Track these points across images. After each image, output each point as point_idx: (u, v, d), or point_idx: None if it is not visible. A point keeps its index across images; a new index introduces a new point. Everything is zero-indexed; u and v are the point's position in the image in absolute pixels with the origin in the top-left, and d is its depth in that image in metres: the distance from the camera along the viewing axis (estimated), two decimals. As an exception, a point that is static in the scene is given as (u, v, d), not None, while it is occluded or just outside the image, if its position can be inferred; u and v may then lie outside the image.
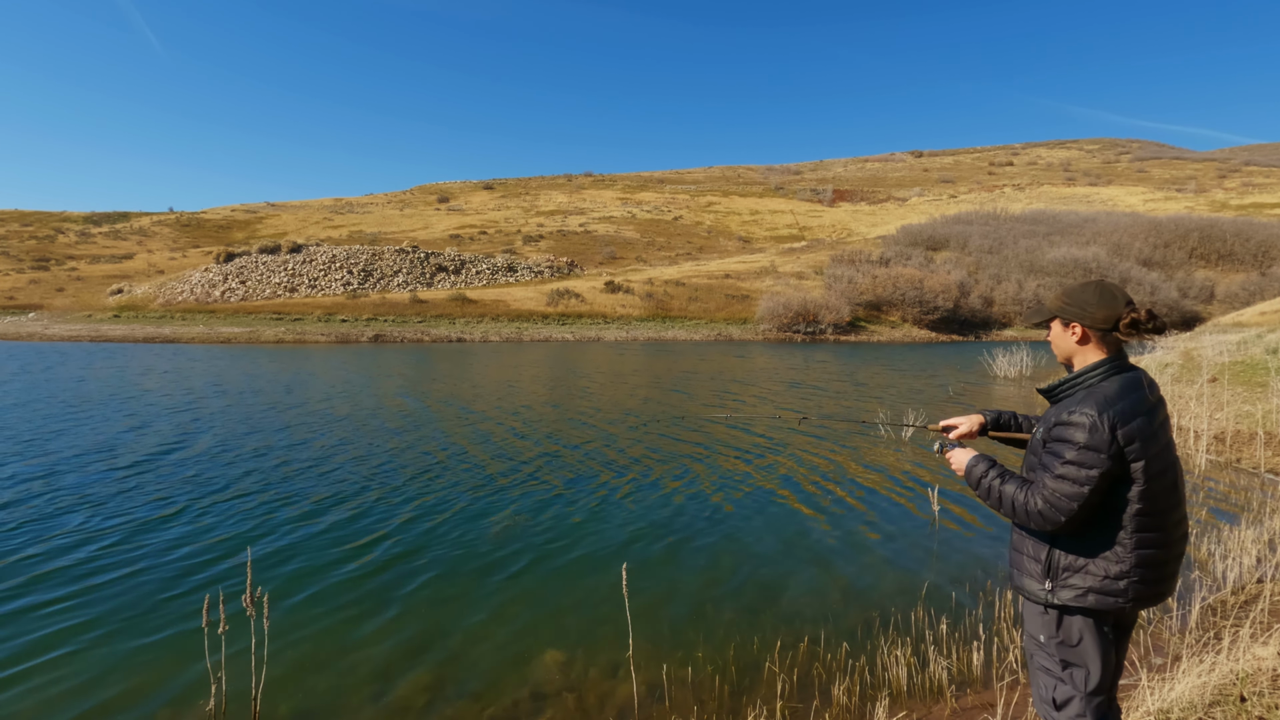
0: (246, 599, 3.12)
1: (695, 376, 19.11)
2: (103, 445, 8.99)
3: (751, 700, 3.43)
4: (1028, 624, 2.05)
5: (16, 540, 5.50)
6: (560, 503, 6.77)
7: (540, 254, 59.56)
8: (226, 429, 10.32)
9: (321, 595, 4.63)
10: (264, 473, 7.77)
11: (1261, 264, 53.24)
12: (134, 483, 7.25)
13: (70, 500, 6.59)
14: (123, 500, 6.63)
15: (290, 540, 5.63)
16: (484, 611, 4.44)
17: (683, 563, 5.28)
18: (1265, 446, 8.34)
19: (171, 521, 6.03)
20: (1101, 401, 1.85)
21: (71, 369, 18.39)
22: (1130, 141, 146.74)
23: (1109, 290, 1.96)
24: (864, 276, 46.26)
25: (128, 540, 5.55)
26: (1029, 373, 18.92)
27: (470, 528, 5.99)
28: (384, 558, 5.29)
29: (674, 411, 12.61)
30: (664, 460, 8.64)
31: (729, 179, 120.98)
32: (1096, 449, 1.81)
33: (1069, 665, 1.95)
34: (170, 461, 8.22)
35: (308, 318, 38.40)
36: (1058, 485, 1.86)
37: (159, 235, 66.38)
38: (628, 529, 6.00)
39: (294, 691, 3.53)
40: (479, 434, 10.25)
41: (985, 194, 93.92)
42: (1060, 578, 1.93)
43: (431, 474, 7.84)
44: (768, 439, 10.06)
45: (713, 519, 6.34)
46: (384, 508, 6.55)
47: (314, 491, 7.06)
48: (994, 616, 4.30)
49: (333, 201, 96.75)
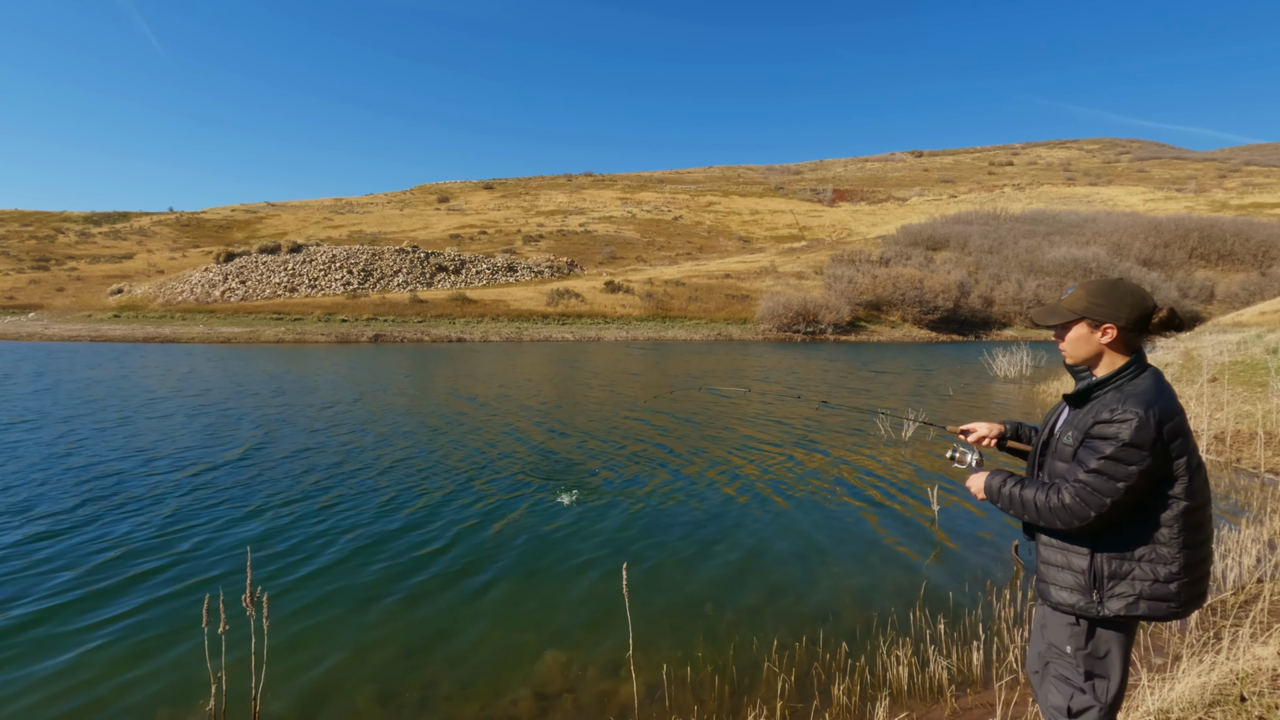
0: (246, 599, 3.11)
1: (700, 376, 19.11)
2: (104, 445, 8.98)
3: (751, 700, 3.43)
4: (1051, 634, 1.98)
5: (16, 541, 5.50)
6: (559, 503, 6.76)
7: (540, 254, 59.56)
8: (219, 428, 10.32)
9: (321, 595, 4.63)
10: (264, 473, 7.77)
11: (1261, 264, 53.24)
12: (134, 483, 7.25)
13: (71, 499, 6.59)
14: (123, 500, 6.63)
15: (290, 540, 5.63)
16: (484, 611, 4.44)
17: (682, 562, 5.27)
18: (1265, 446, 8.33)
19: (171, 521, 6.03)
20: (1143, 400, 1.79)
21: (79, 369, 18.39)
22: (1130, 141, 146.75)
23: (1137, 288, 1.92)
24: (864, 276, 46.27)
25: (128, 540, 5.55)
26: (1029, 373, 18.91)
27: (469, 528, 5.99)
28: (384, 558, 5.29)
29: (673, 411, 12.61)
30: (663, 460, 8.64)
31: (729, 179, 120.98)
32: (1141, 446, 1.75)
33: (1093, 677, 1.90)
34: (170, 462, 8.22)
35: (308, 318, 38.40)
36: (1090, 479, 1.79)
37: (159, 235, 66.38)
38: (627, 529, 6.00)
39: (294, 691, 3.53)
40: (478, 435, 10.25)
41: (985, 194, 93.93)
42: (1106, 587, 1.85)
43: (430, 475, 7.84)
44: (767, 439, 10.06)
45: (712, 519, 6.33)
46: (384, 508, 6.54)
47: (314, 492, 7.05)
48: (994, 616, 4.30)
49: (333, 201, 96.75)
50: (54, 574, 4.89)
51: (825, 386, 17.12)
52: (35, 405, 12.08)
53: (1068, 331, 1.98)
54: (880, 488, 7.43)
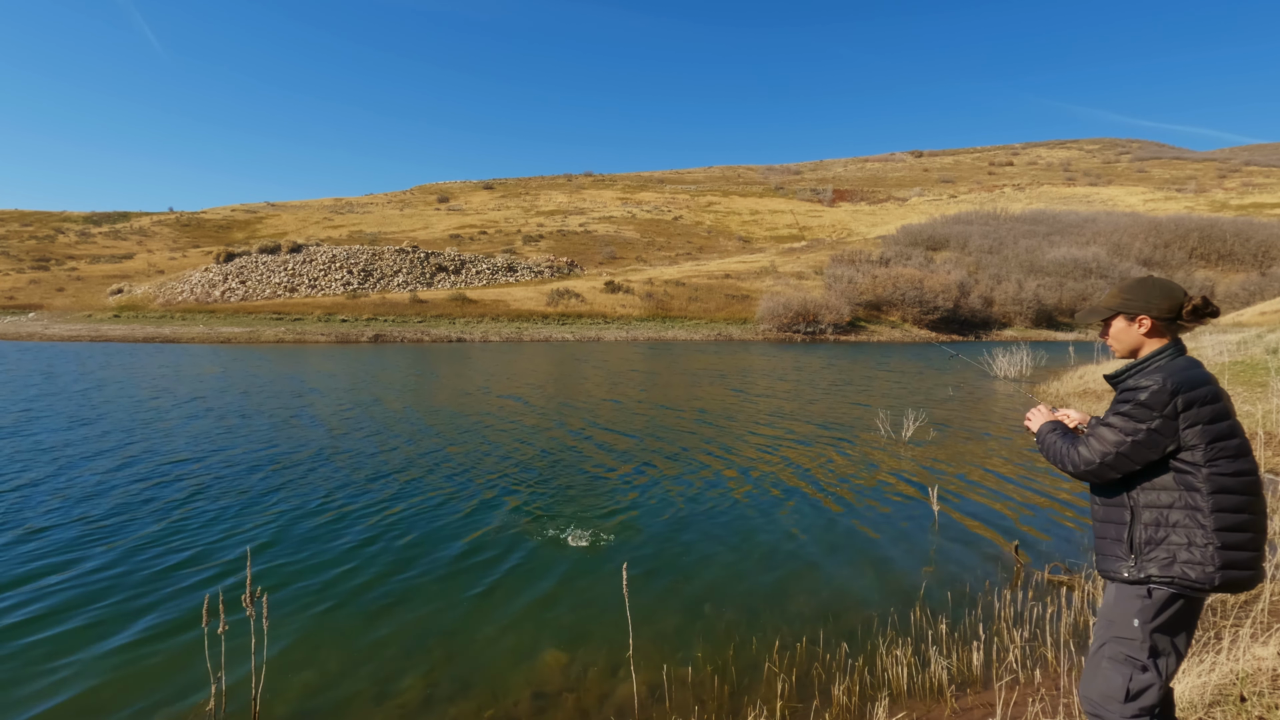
0: (246, 599, 3.12)
1: (700, 376, 19.10)
2: (103, 445, 8.98)
3: (751, 700, 3.43)
4: (1117, 611, 2.03)
5: (13, 539, 5.50)
6: (557, 503, 6.77)
7: (540, 254, 59.56)
8: (217, 428, 10.32)
9: (321, 595, 4.63)
10: (264, 474, 7.76)
11: (1261, 264, 53.24)
12: (133, 482, 7.25)
13: (69, 500, 6.59)
14: (123, 500, 6.63)
15: (290, 540, 5.63)
16: (483, 612, 4.44)
17: (682, 563, 5.27)
18: (1265, 446, 8.33)
19: (171, 521, 6.03)
20: (1167, 370, 1.97)
21: (91, 369, 18.39)
22: (1130, 141, 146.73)
23: (1165, 282, 2.11)
24: (864, 276, 46.26)
25: (127, 541, 5.55)
26: (1029, 372, 18.92)
27: (469, 528, 5.99)
28: (385, 558, 5.29)
29: (673, 410, 12.61)
30: (661, 460, 8.64)
31: (729, 179, 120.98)
32: (1151, 406, 1.92)
33: (1158, 654, 1.95)
34: (168, 462, 8.22)
35: (308, 318, 38.40)
36: (1104, 431, 2.00)
37: (159, 235, 66.38)
38: (626, 529, 6.00)
39: (294, 691, 3.53)
40: (476, 435, 10.25)
41: (985, 194, 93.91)
42: (1144, 553, 1.97)
43: (429, 476, 7.83)
44: (767, 440, 10.06)
45: (712, 519, 6.33)
46: (385, 508, 6.54)
47: (315, 492, 7.05)
48: (994, 616, 4.30)
49: (333, 201, 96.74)
50: (53, 574, 4.89)
51: (826, 386, 17.11)
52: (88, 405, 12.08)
53: (1109, 328, 2.19)
54: (880, 487, 7.43)
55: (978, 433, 10.70)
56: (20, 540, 5.50)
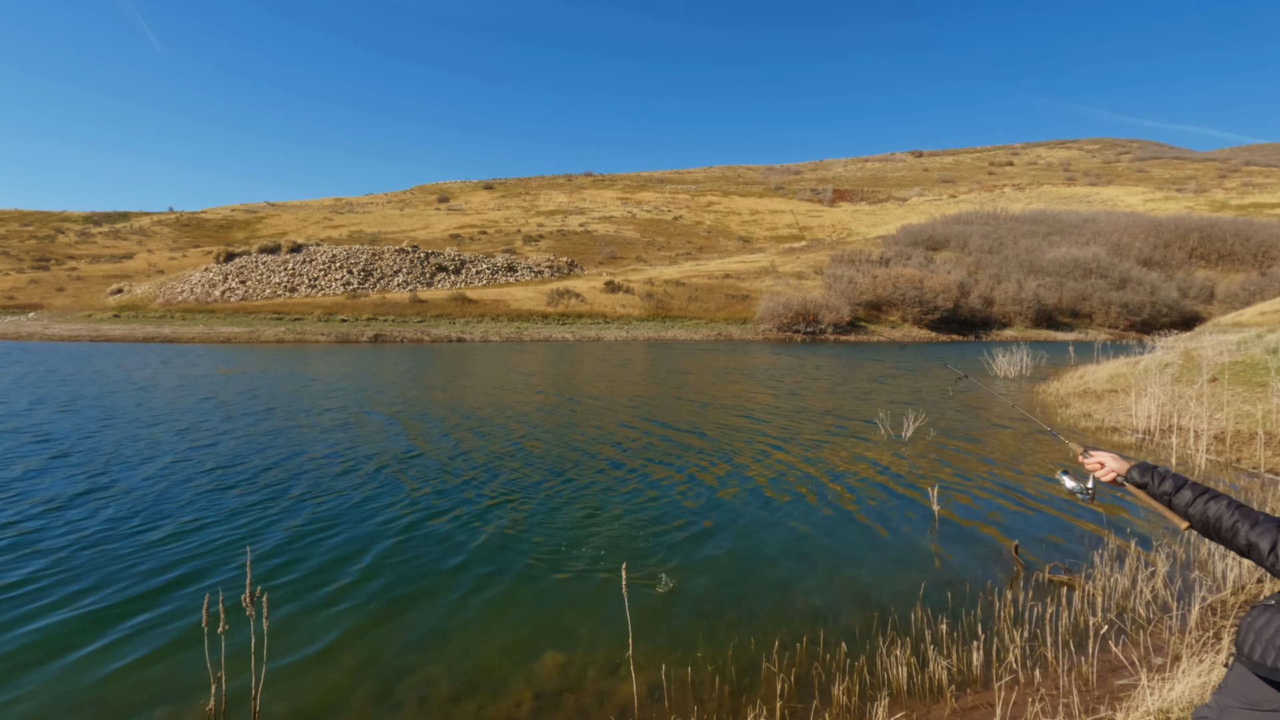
0: (246, 599, 3.11)
1: (701, 375, 19.10)
2: (104, 445, 8.99)
3: (751, 700, 3.43)
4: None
5: (14, 540, 5.50)
6: (557, 504, 6.76)
7: (540, 254, 59.56)
8: (216, 430, 10.32)
9: (321, 595, 4.63)
10: (265, 474, 7.77)
11: (1261, 264, 53.26)
12: (132, 482, 7.25)
13: (69, 500, 6.59)
14: (123, 500, 6.63)
15: (290, 541, 5.63)
16: (483, 612, 4.44)
17: (681, 563, 5.27)
18: (1265, 446, 8.33)
19: (171, 521, 6.03)
20: None
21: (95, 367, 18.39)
22: (1130, 141, 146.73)
23: None
24: (864, 276, 46.27)
25: (127, 540, 5.55)
26: (1028, 372, 18.92)
27: (469, 529, 5.99)
28: (385, 558, 5.29)
29: (672, 410, 12.60)
30: (660, 461, 8.64)
31: (729, 179, 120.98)
32: None
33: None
34: (167, 462, 8.22)
35: (308, 317, 38.39)
36: None
37: (159, 235, 66.38)
38: (625, 530, 6.00)
39: (294, 691, 3.53)
40: (477, 435, 10.25)
41: (985, 194, 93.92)
42: None
43: (429, 478, 7.83)
44: (767, 440, 10.06)
45: (712, 519, 6.33)
46: (385, 508, 6.54)
47: (315, 492, 7.05)
48: (994, 616, 4.30)
49: (333, 201, 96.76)
50: (53, 574, 4.89)
51: (825, 386, 17.11)
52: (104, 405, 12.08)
53: None
54: (880, 487, 7.42)
55: (978, 433, 10.70)
56: (16, 540, 5.49)
